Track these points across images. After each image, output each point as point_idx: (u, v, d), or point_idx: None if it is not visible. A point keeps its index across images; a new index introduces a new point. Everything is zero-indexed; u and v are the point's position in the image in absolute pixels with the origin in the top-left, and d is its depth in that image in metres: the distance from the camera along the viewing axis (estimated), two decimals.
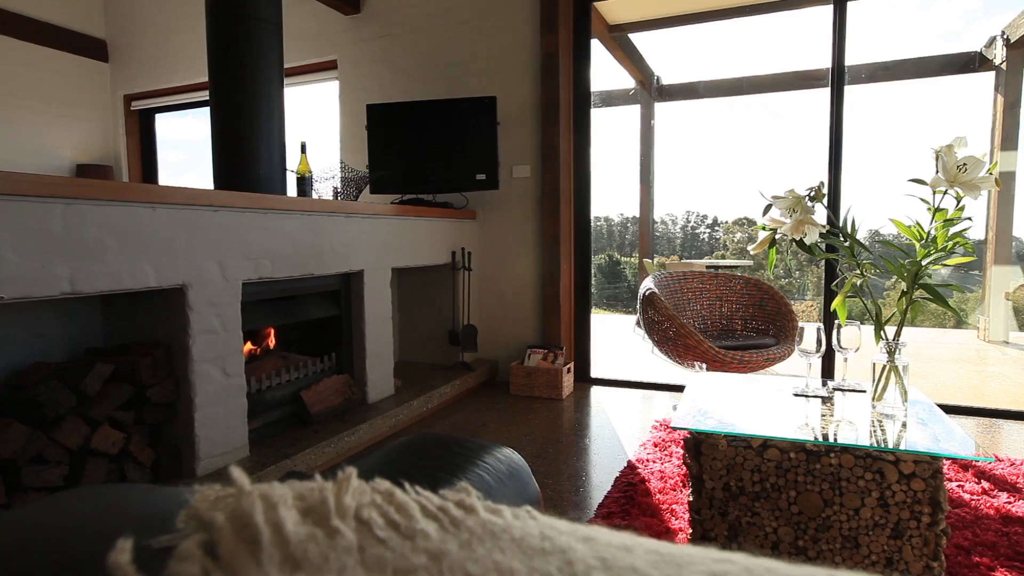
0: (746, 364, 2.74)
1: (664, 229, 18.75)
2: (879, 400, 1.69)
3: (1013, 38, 4.79)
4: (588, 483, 2.26)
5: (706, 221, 19.28)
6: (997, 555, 1.67)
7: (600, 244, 18.54)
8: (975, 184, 1.44)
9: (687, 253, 17.57)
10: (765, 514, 1.57)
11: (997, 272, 5.06)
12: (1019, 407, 3.10)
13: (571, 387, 3.54)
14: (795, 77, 5.48)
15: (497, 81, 3.68)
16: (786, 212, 1.67)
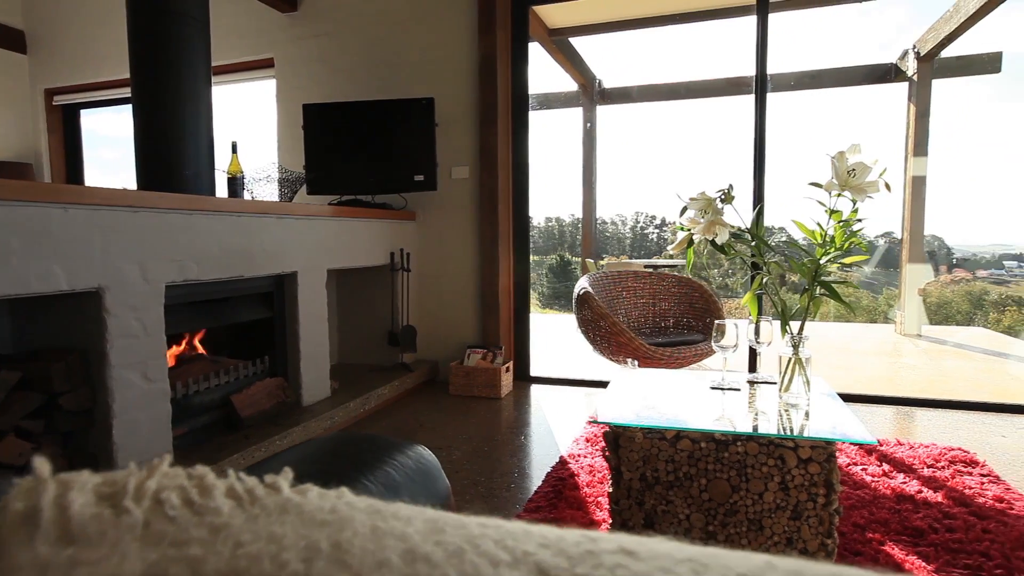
0: (676, 360, 2.85)
1: (615, 230, 19.13)
2: (786, 391, 1.80)
3: (923, 52, 5.13)
4: (521, 479, 2.31)
5: (655, 221, 19.80)
6: (888, 531, 1.81)
7: (551, 245, 18.74)
8: (863, 188, 1.55)
9: (636, 253, 17.98)
10: (679, 502, 1.65)
11: (911, 270, 5.41)
12: (929, 395, 3.33)
13: (510, 386, 3.59)
14: (727, 83, 5.70)
15: (435, 82, 3.69)
16: (699, 213, 1.75)
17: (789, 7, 4.07)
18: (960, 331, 5.94)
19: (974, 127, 6.61)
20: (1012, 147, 5.89)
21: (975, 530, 1.79)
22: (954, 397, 3.24)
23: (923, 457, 2.35)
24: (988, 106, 8.46)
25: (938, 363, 4.51)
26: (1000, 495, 2.02)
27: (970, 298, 10.44)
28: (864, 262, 1.78)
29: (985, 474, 2.20)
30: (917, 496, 2.03)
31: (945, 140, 5.51)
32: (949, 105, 5.66)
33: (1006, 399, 3.16)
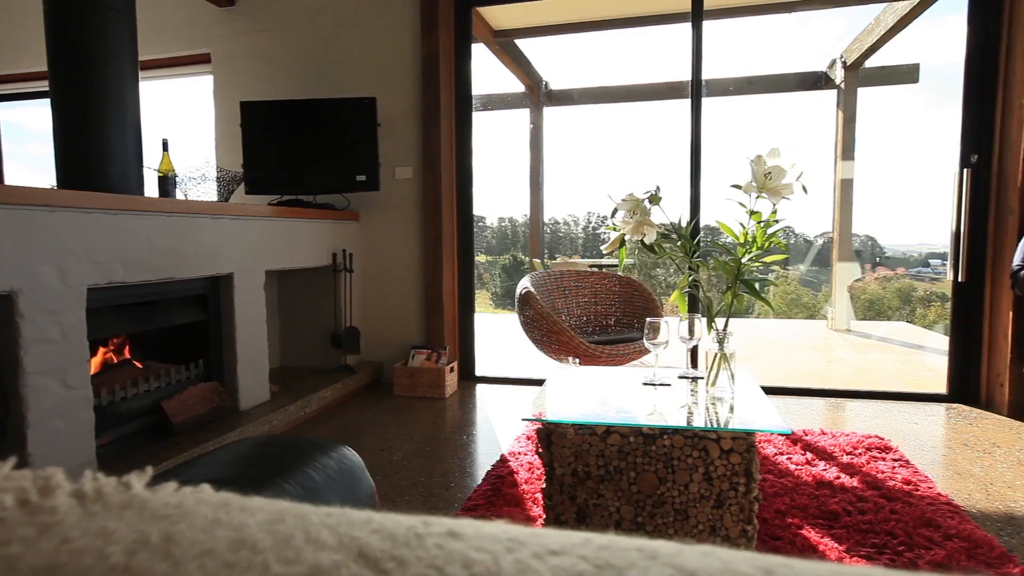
0: (615, 357, 2.91)
1: (567, 230, 19.36)
2: (713, 385, 1.88)
3: (849, 61, 5.40)
4: (461, 478, 2.32)
5: (607, 221, 20.18)
6: (807, 515, 1.90)
7: (505, 245, 18.83)
8: (779, 190, 1.63)
9: (588, 252, 18.22)
10: (609, 495, 1.69)
11: (841, 268, 5.69)
12: (854, 387, 3.51)
13: (455, 386, 3.60)
14: (667, 88, 5.86)
15: (378, 82, 3.66)
16: (627, 214, 1.81)
17: (722, 15, 4.23)
18: (884, 326, 6.28)
19: (897, 133, 7.00)
20: (931, 153, 6.27)
21: (884, 511, 1.91)
22: (876, 388, 3.43)
23: (843, 445, 2.49)
24: (909, 114, 9.00)
25: (864, 356, 4.76)
26: (908, 478, 2.16)
27: (900, 295, 11.07)
28: (783, 261, 1.88)
29: (897, 459, 2.34)
30: (835, 482, 2.14)
31: (871, 145, 5.82)
32: (874, 112, 5.97)
33: (920, 388, 3.37)
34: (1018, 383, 2.89)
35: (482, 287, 17.05)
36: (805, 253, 8.52)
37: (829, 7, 4.39)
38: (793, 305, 10.99)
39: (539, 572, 0.27)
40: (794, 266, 8.88)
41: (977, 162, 3.03)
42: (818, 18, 11.27)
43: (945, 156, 3.11)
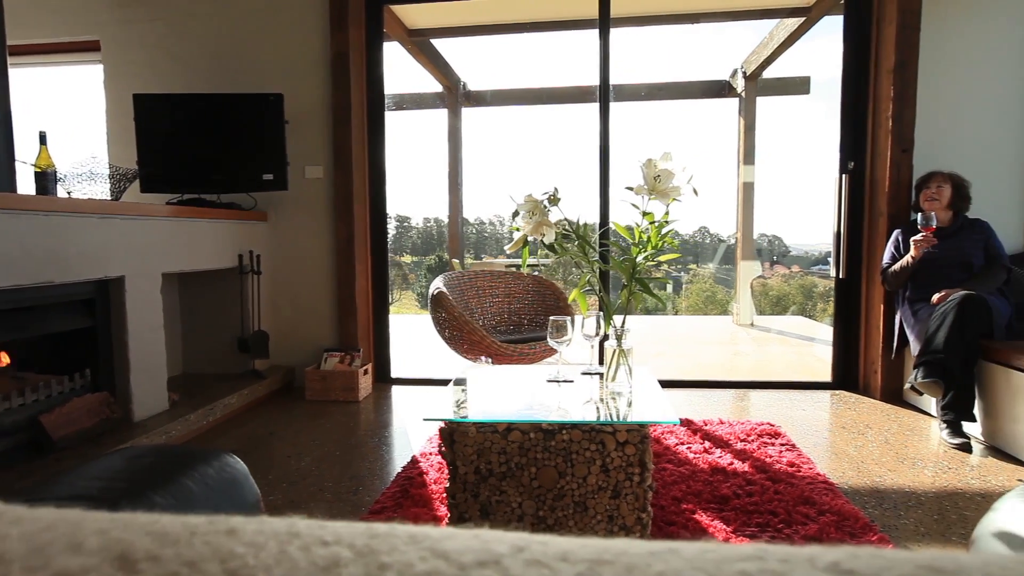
0: (527, 356, 2.97)
1: (492, 230, 19.45)
2: (612, 380, 1.95)
3: (748, 72, 5.75)
4: (371, 481, 2.29)
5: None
6: (701, 500, 2.02)
7: (430, 245, 18.67)
8: (667, 192, 1.72)
9: (516, 253, 18.36)
10: (511, 491, 1.73)
11: (744, 266, 6.04)
12: (756, 378, 3.73)
13: (369, 388, 3.54)
14: (580, 91, 6.01)
15: (285, 78, 3.55)
16: (527, 215, 1.85)
17: (628, 24, 4.39)
18: (783, 320, 6.73)
19: (794, 140, 7.53)
20: (824, 159, 6.76)
21: (769, 492, 2.05)
22: (773, 379, 3.67)
23: (738, 433, 2.65)
24: (803, 122, 9.68)
25: (764, 349, 5.07)
26: (793, 460, 2.32)
27: (803, 290, 11.86)
28: (676, 259, 1.98)
29: (784, 444, 2.52)
30: (728, 468, 2.28)
31: (772, 150, 6.22)
32: (773, 119, 6.38)
33: (810, 377, 3.64)
34: (889, 370, 3.17)
35: (407, 288, 16.86)
36: (713, 252, 9.00)
37: (728, 20, 4.66)
38: (708, 302, 11.55)
39: (295, 561, 0.28)
40: (704, 264, 9.35)
41: (853, 169, 3.30)
42: (724, 29, 11.90)
43: (833, 162, 3.37)
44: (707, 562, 0.25)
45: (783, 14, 4.55)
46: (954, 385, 2.54)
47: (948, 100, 3.12)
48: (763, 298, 10.78)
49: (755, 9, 4.48)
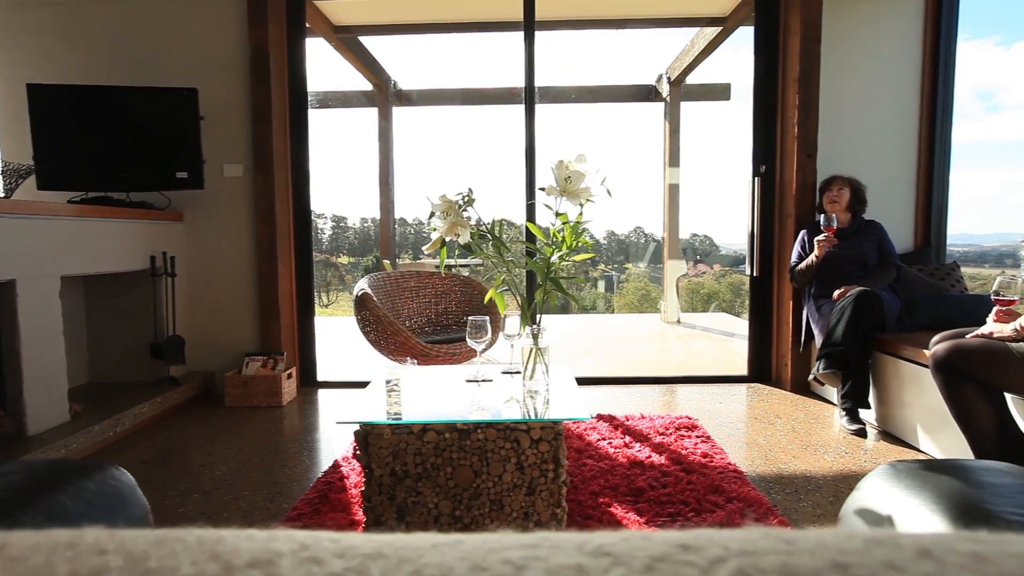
0: (453, 356, 2.96)
1: (430, 230, 19.36)
2: (530, 379, 1.98)
3: (672, 77, 5.95)
4: (290, 488, 2.23)
5: (469, 223, 20.50)
6: (618, 494, 2.08)
7: (368, 246, 18.33)
8: (578, 193, 1.76)
9: (451, 252, 18.30)
10: (427, 492, 1.73)
11: (671, 265, 6.25)
12: (680, 373, 3.84)
13: (294, 393, 3.45)
14: (509, 93, 6.05)
15: (200, 72, 3.41)
16: (442, 215, 1.85)
17: (554, 27, 4.46)
18: (706, 317, 7.01)
19: (718, 143, 7.88)
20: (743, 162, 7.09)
21: (682, 483, 2.13)
22: (695, 373, 3.80)
23: (658, 427, 2.74)
24: (725, 127, 10.12)
25: (689, 345, 5.26)
26: (707, 451, 2.43)
27: (732, 288, 12.37)
28: (591, 259, 2.03)
29: (700, 436, 2.62)
30: (646, 461, 2.35)
31: (697, 153, 6.46)
32: (697, 123, 6.63)
33: (729, 371, 3.80)
34: (798, 363, 3.36)
35: (344, 289, 16.51)
36: (644, 252, 9.27)
37: (652, 27, 4.82)
38: (644, 300, 11.88)
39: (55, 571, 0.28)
40: (637, 263, 9.62)
41: (765, 172, 3.47)
42: (649, 36, 12.20)
43: (751, 166, 3.53)
44: (478, 552, 0.26)
45: (702, 23, 4.74)
46: (851, 375, 2.72)
47: (847, 108, 3.34)
48: (695, 296, 11.20)
49: (676, 17, 4.65)
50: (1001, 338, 1.89)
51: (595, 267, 13.22)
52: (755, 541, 0.25)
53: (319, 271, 16.92)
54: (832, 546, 0.24)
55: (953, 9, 3.23)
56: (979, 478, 0.97)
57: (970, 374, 1.92)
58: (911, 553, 0.23)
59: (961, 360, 1.92)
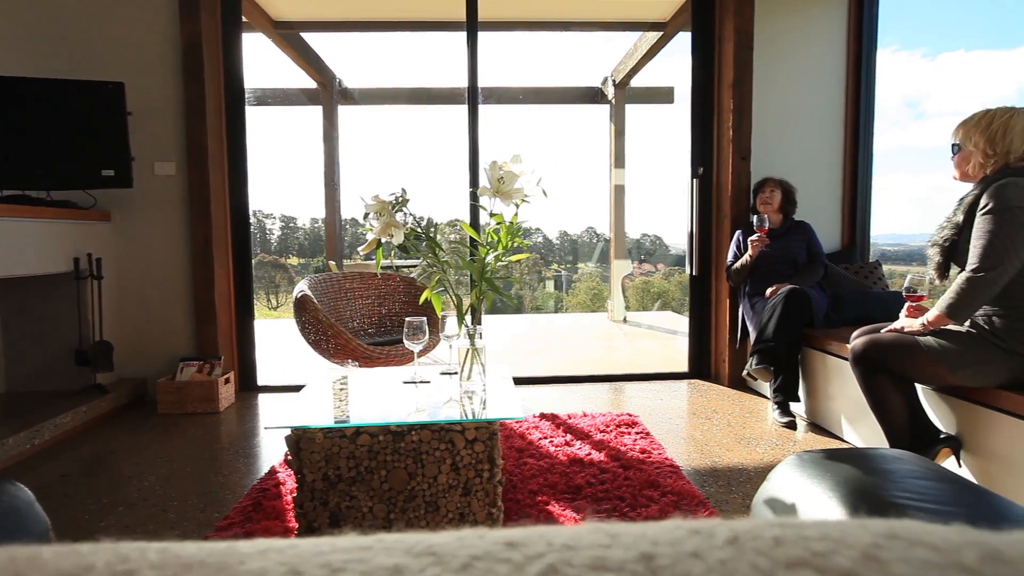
0: (394, 358, 2.93)
1: None
2: (468, 380, 1.98)
3: (617, 80, 6.06)
4: (222, 497, 2.17)
5: (422, 223, 20.39)
6: (556, 491, 2.10)
7: (318, 246, 17.95)
8: (511, 193, 1.77)
9: (401, 254, 18.11)
10: (361, 496, 1.70)
11: (617, 265, 6.36)
12: (626, 371, 3.90)
13: (232, 398, 3.35)
14: (455, 93, 6.05)
15: (129, 66, 3.27)
16: (375, 216, 1.83)
17: (498, 28, 4.48)
18: (652, 315, 7.17)
19: (663, 145, 8.09)
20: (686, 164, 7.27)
21: (619, 479, 2.17)
22: (639, 371, 3.88)
23: (599, 424, 2.78)
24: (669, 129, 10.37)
25: (634, 343, 5.37)
26: (645, 447, 2.48)
27: (681, 287, 12.68)
28: (528, 259, 2.04)
29: (640, 432, 2.68)
30: (586, 458, 2.39)
31: (643, 155, 6.59)
32: (643, 126, 6.76)
33: (672, 369, 3.89)
34: (735, 359, 3.47)
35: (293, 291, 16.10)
36: (592, 252, 9.43)
37: (596, 30, 4.89)
38: (596, 299, 12.06)
39: None
40: (585, 263, 9.77)
41: (703, 174, 3.58)
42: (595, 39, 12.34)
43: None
44: (302, 556, 0.26)
45: (644, 27, 4.85)
46: (782, 370, 2.83)
47: (779, 113, 3.47)
48: (645, 294, 11.44)
49: (618, 21, 4.73)
50: (911, 332, 2.00)
51: (548, 267, 13.34)
52: (581, 536, 0.25)
53: (267, 272, 16.46)
54: (649, 537, 0.25)
55: (873, 23, 3.40)
56: (875, 465, 1.02)
57: (884, 366, 2.03)
58: (720, 541, 0.24)
59: (876, 353, 2.03)
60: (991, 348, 1.86)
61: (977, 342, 1.88)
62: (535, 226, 11.79)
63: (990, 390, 1.90)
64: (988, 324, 1.89)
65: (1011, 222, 1.78)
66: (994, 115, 1.89)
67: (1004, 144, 1.86)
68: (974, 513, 0.88)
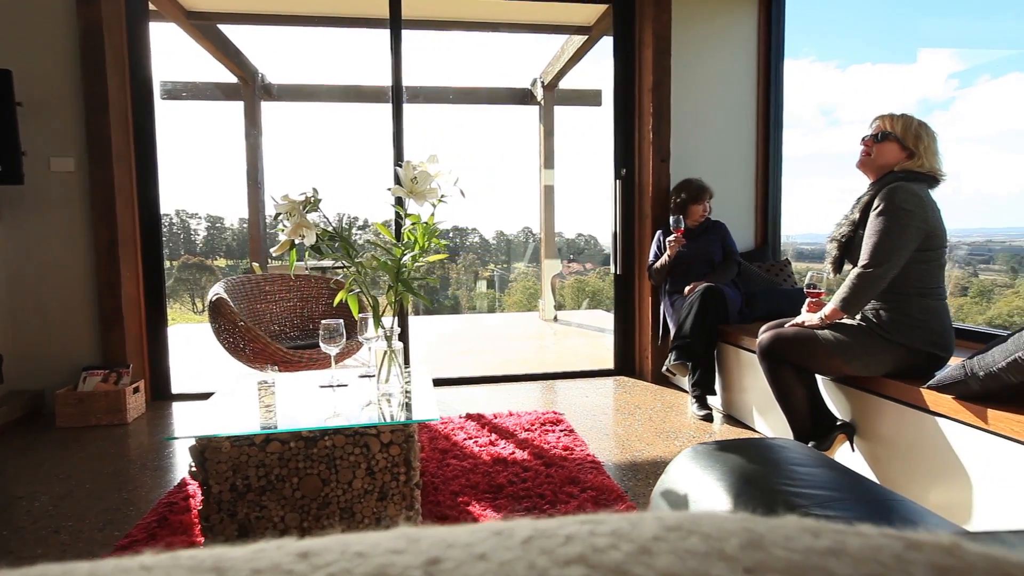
0: (316, 362, 2.85)
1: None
2: (386, 383, 1.95)
3: (546, 82, 6.13)
4: (125, 513, 2.04)
5: (357, 222, 19.92)
6: (478, 492, 2.10)
7: (248, 248, 17.28)
8: (424, 194, 1.76)
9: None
10: (272, 505, 1.65)
11: (547, 264, 6.44)
12: (555, 369, 3.94)
13: (142, 408, 3.17)
14: (383, 91, 5.94)
15: (18, 52, 3.03)
16: (286, 216, 1.77)
17: (424, 27, 4.45)
18: (581, 314, 7.30)
19: (592, 147, 8.28)
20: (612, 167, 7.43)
21: (541, 476, 2.20)
22: (567, 369, 3.94)
23: (524, 423, 2.80)
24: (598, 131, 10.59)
25: (563, 342, 5.45)
26: (568, 444, 2.52)
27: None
28: (445, 259, 2.03)
29: (564, 429, 2.72)
30: (509, 457, 2.40)
31: (569, 156, 6.70)
32: (572, 127, 6.87)
33: (599, 366, 3.97)
34: (657, 355, 3.58)
35: None
36: (523, 251, 9.53)
37: (524, 32, 4.93)
38: (531, 298, 12.15)
39: None
40: (517, 263, 9.87)
41: (625, 176, 3.67)
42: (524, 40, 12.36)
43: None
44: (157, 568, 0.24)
45: (570, 31, 4.92)
46: (699, 365, 2.94)
47: (697, 118, 3.60)
48: (580, 293, 11.63)
49: (545, 24, 4.78)
50: (811, 326, 2.13)
51: (484, 267, 13.35)
52: (379, 543, 0.25)
53: (192, 275, 15.64)
54: (447, 541, 0.25)
55: (780, 34, 3.59)
56: (762, 455, 1.07)
57: (787, 359, 2.14)
58: (515, 541, 0.24)
59: (779, 347, 2.14)
60: (879, 340, 2.00)
61: (867, 334, 2.02)
62: (471, 226, 11.76)
63: (878, 379, 2.04)
64: (876, 317, 2.03)
65: (899, 223, 1.93)
66: (909, 115, 2.05)
67: (923, 142, 2.02)
68: (845, 496, 0.94)
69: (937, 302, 2.00)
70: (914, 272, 1.97)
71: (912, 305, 1.98)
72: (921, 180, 2.01)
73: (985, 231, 9.21)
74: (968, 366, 1.71)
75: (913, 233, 1.93)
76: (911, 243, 1.93)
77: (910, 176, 2.01)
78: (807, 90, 18.78)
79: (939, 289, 2.01)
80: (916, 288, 1.99)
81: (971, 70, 13.86)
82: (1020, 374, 1.58)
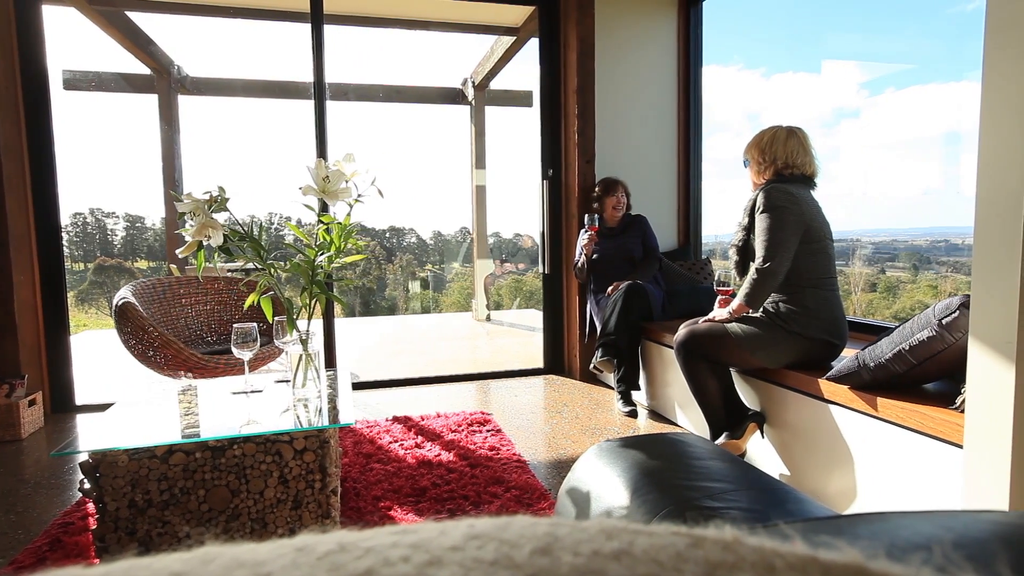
0: (233, 367, 2.74)
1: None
2: (302, 387, 1.89)
3: (477, 82, 6.13)
4: (12, 537, 1.89)
5: (291, 221, 19.36)
6: (401, 496, 2.07)
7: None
8: (337, 194, 1.71)
9: (268, 255, 17.06)
10: (176, 520, 1.56)
11: (480, 264, 6.45)
12: (486, 369, 3.93)
13: (40, 422, 2.94)
14: (308, 87, 5.77)
15: None
16: (190, 215, 1.69)
17: (349, 23, 4.35)
18: (514, 313, 7.35)
19: (521, 148, 8.36)
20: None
21: (466, 478, 2.19)
22: (498, 368, 3.94)
23: (451, 424, 2.78)
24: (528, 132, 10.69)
25: (496, 341, 5.46)
26: (495, 444, 2.52)
27: None
28: (361, 261, 1.99)
29: (491, 429, 2.72)
30: (434, 459, 2.38)
31: (500, 156, 6.71)
32: (503, 127, 6.89)
33: (530, 365, 4.00)
34: (585, 353, 3.64)
35: None
36: (456, 250, 9.49)
37: (454, 31, 4.89)
38: (469, 299, 12.12)
39: None
40: (451, 263, 9.81)
41: (552, 176, 3.71)
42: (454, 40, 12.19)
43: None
44: None
45: (499, 31, 4.93)
46: (624, 362, 3.01)
47: (620, 120, 3.68)
48: (517, 292, 11.69)
49: (474, 24, 4.78)
50: (721, 321, 2.22)
51: (422, 267, 13.20)
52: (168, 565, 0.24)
53: (109, 278, 14.66)
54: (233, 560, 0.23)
55: (698, 41, 3.72)
56: (662, 449, 1.11)
57: (702, 353, 2.22)
58: (312, 556, 0.23)
59: (694, 342, 2.22)
60: (779, 331, 2.12)
61: (768, 326, 2.13)
62: (408, 226, 11.60)
63: (782, 371, 2.16)
64: (775, 309, 2.15)
65: (778, 219, 2.08)
66: (764, 132, 2.26)
67: (771, 153, 2.20)
68: (736, 487, 0.98)
69: (829, 292, 2.15)
70: (805, 265, 2.12)
71: (807, 296, 2.12)
72: (794, 181, 2.17)
73: (891, 231, 9.88)
74: (861, 357, 1.82)
75: (793, 226, 2.08)
76: (792, 236, 2.08)
77: (782, 179, 2.17)
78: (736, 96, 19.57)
79: (830, 279, 2.16)
80: (808, 280, 2.13)
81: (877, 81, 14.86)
82: (904, 364, 1.70)
